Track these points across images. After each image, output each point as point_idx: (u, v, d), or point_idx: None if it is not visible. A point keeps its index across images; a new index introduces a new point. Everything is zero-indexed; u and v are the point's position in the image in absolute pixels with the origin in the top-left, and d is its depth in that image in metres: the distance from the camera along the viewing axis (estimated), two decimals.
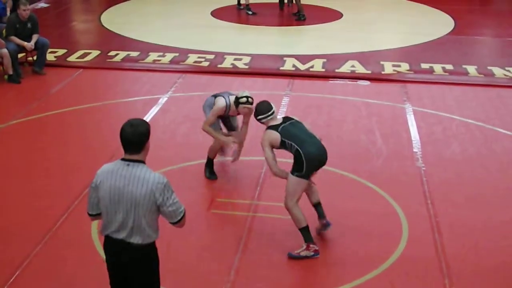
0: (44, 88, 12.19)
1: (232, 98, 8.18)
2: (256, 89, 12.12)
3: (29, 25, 12.53)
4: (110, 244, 5.02)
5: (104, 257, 5.10)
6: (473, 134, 10.21)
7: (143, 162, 4.98)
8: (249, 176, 8.63)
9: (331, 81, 12.71)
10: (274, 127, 6.96)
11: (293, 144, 6.76)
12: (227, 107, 8.16)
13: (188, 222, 7.02)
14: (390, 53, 14.75)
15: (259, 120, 7.19)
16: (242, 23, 17.48)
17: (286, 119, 7.08)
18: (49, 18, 17.42)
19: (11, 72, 12.21)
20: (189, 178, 8.58)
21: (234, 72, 13.14)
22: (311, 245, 6.80)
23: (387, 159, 9.28)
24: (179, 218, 5.06)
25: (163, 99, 11.50)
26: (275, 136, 6.88)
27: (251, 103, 7.99)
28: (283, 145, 6.87)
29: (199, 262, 6.89)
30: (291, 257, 6.80)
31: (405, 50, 15.04)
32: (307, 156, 6.70)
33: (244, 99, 7.96)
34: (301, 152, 6.69)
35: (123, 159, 4.96)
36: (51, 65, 13.20)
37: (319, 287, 6.44)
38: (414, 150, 9.56)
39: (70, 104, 11.24)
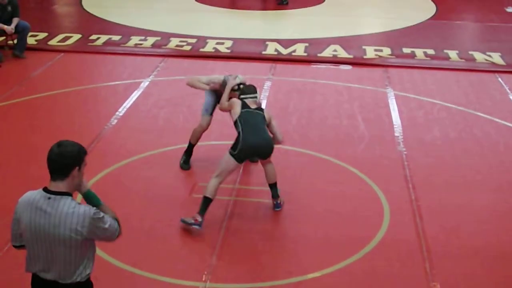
0: (25, 72, 12.09)
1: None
2: (238, 73, 12.09)
3: (9, 8, 12.41)
4: (38, 285, 4.39)
5: None
6: (454, 119, 10.26)
7: (67, 194, 4.24)
8: None
9: (313, 66, 12.71)
10: (243, 105, 7.35)
11: (240, 126, 7.19)
12: (223, 83, 8.02)
13: (170, 207, 7.06)
14: (372, 37, 14.77)
15: (241, 99, 7.44)
16: (224, 7, 17.40)
17: (256, 108, 7.39)
18: (29, 1, 17.26)
19: None
20: (171, 162, 8.56)
21: (216, 56, 13.11)
22: (197, 216, 6.95)
23: (369, 143, 9.31)
24: (115, 237, 4.50)
25: (145, 83, 11.45)
26: (237, 109, 7.33)
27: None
28: (235, 124, 7.27)
29: (181, 246, 6.88)
30: (181, 221, 7.03)
31: (387, 34, 15.06)
32: (243, 142, 7.07)
33: (236, 88, 7.84)
34: (241, 135, 7.12)
35: (45, 189, 4.29)
36: (32, 48, 13.10)
37: (300, 271, 6.46)
38: (396, 134, 9.59)
39: (51, 88, 11.16)
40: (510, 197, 8.00)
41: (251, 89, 7.56)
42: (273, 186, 7.45)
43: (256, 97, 7.51)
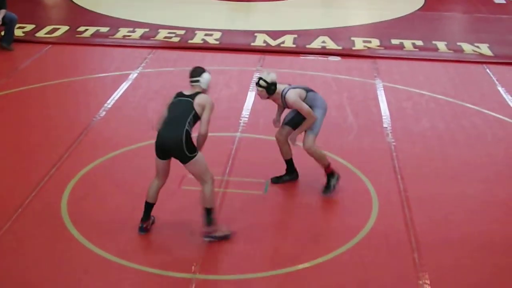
0: (12, 64, 12.03)
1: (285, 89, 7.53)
2: (227, 65, 12.11)
3: None
4: None
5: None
6: (443, 110, 10.28)
7: None
8: (220, 152, 8.61)
9: (302, 57, 12.71)
10: (177, 94, 6.69)
11: None
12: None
13: (160, 199, 7.05)
14: (361, 29, 14.78)
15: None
16: None
17: (185, 95, 6.61)
18: None
19: None
20: None
21: (205, 47, 13.09)
22: (142, 223, 6.78)
23: (357, 134, 9.32)
24: None
25: (133, 75, 11.42)
26: (168, 102, 6.68)
27: (261, 86, 7.36)
28: None
29: (170, 238, 6.87)
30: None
31: (375, 26, 15.07)
32: (157, 136, 6.56)
33: (257, 79, 7.41)
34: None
35: None
36: (20, 40, 13.04)
37: (289, 262, 6.47)
38: (384, 125, 9.61)
39: (39, 80, 11.11)
40: (498, 188, 8.04)
41: (194, 72, 6.73)
42: (205, 212, 6.66)
43: (197, 80, 6.65)
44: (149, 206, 6.82)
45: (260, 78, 7.39)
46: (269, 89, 7.37)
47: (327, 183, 7.64)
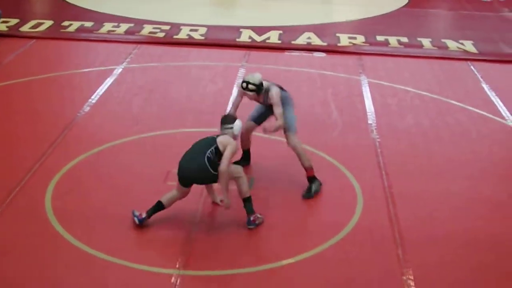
0: None
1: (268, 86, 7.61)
2: (212, 61, 12.09)
3: None
4: None
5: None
6: (427, 106, 10.32)
7: None
8: None
9: (287, 53, 12.71)
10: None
11: None
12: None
13: (145, 195, 7.03)
14: (346, 25, 14.80)
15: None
16: None
17: (216, 135, 6.98)
18: None
19: None
20: (145, 150, 8.54)
21: (190, 43, 13.06)
22: (142, 214, 6.86)
23: (342, 130, 9.34)
24: None
25: (118, 70, 11.37)
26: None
27: (251, 90, 7.49)
28: None
29: (155, 234, 6.85)
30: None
31: (361, 22, 15.10)
32: (178, 167, 6.85)
33: (244, 84, 7.53)
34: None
35: None
36: (3, 35, 12.97)
37: (274, 258, 6.47)
38: (369, 122, 9.63)
39: (23, 75, 11.04)
40: (482, 185, 8.08)
41: (226, 119, 7.12)
42: (244, 201, 7.00)
43: (231, 127, 6.99)
44: (160, 208, 6.90)
45: (248, 83, 7.46)
46: (259, 90, 7.51)
47: (309, 187, 7.66)
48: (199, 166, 6.70)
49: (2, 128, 9.10)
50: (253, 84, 7.45)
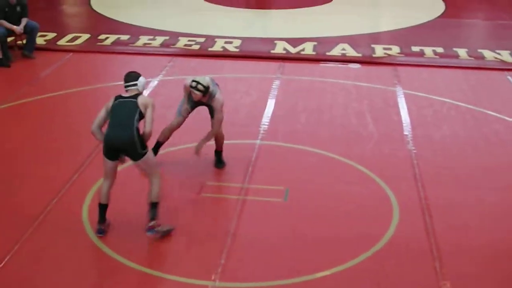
0: (34, 72, 12.13)
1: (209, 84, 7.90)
2: (246, 73, 12.13)
3: (18, 8, 12.45)
4: None
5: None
6: (464, 117, 10.23)
7: None
8: (239, 159, 8.62)
9: (322, 64, 12.70)
10: (117, 97, 6.97)
11: (109, 120, 6.86)
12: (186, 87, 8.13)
13: (179, 206, 7.06)
14: (381, 36, 14.74)
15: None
16: (233, 6, 17.39)
17: (130, 96, 6.88)
18: (38, 2, 17.27)
19: (0, 56, 12.13)
20: (180, 162, 8.58)
21: (225, 55, 13.10)
22: (98, 225, 6.88)
23: (378, 142, 9.29)
24: None
25: (153, 83, 11.47)
26: (108, 104, 6.94)
27: (199, 90, 7.78)
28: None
29: (191, 245, 6.89)
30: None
31: (396, 33, 15.02)
32: (105, 136, 6.77)
33: (194, 84, 7.80)
34: (104, 133, 6.80)
35: None
36: (41, 48, 13.14)
37: (311, 269, 6.46)
38: (405, 133, 9.57)
39: (60, 88, 11.19)
40: None
41: (130, 76, 6.99)
42: (152, 206, 6.83)
43: (135, 84, 6.92)
44: (104, 208, 6.90)
45: (198, 83, 7.75)
46: (206, 91, 7.81)
47: (221, 159, 8.39)
48: (129, 137, 6.65)
49: (41, 141, 9.21)
50: (202, 85, 7.78)
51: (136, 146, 6.69)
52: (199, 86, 7.79)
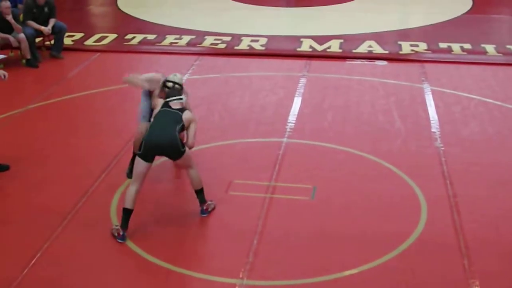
0: (62, 72, 12.23)
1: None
2: (273, 71, 12.13)
3: (46, 9, 12.57)
4: None
5: None
6: (492, 114, 10.14)
7: None
8: (266, 157, 8.62)
9: (348, 62, 12.66)
10: (164, 105, 7.19)
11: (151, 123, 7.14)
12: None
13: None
14: (408, 33, 14.65)
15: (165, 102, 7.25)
16: (258, 5, 17.39)
17: (177, 109, 7.10)
18: (66, 2, 17.42)
19: (28, 57, 12.26)
20: (207, 160, 8.59)
21: (251, 53, 13.11)
22: (119, 230, 6.84)
23: (405, 139, 9.24)
24: None
25: None
26: (157, 109, 7.22)
27: (171, 88, 7.48)
28: None
29: (218, 243, 6.91)
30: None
31: (422, 29, 14.93)
32: (147, 138, 6.89)
33: (170, 84, 7.47)
34: (145, 136, 6.99)
35: None
36: (69, 49, 13.25)
37: (339, 267, 6.44)
38: (433, 130, 9.51)
39: (88, 87, 11.27)
40: None
41: (175, 92, 7.25)
42: (198, 192, 7.25)
43: (180, 99, 7.20)
44: (129, 213, 6.87)
45: (174, 83, 7.42)
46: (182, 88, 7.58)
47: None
48: (171, 139, 6.86)
49: (68, 141, 9.28)
50: (179, 84, 7.47)
51: (178, 144, 6.89)
52: (176, 86, 7.43)
